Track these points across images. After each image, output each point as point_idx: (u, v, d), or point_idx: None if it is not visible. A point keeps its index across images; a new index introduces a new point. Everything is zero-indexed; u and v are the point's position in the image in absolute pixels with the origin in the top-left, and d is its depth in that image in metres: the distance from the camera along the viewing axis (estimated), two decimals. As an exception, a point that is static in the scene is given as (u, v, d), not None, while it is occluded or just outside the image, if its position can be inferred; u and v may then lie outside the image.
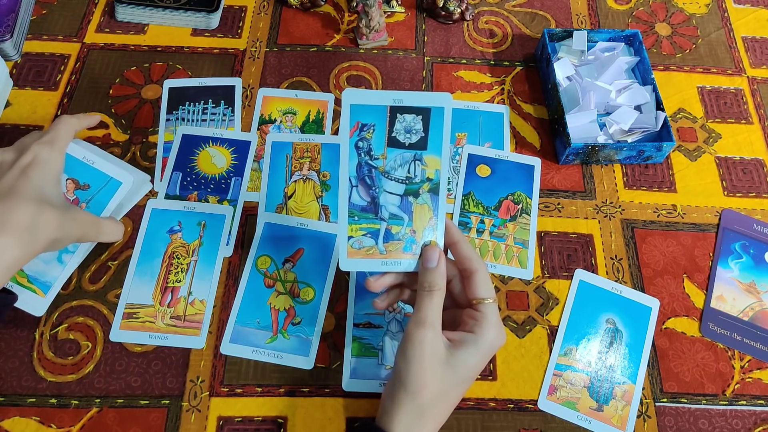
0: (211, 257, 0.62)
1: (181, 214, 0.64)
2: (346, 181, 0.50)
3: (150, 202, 0.65)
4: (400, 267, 0.51)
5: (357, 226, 0.51)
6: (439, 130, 0.50)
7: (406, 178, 0.51)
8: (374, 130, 0.50)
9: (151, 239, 0.63)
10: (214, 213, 0.65)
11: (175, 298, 0.60)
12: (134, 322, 0.59)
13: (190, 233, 0.63)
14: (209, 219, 0.64)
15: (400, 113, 0.50)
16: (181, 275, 0.61)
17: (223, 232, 0.63)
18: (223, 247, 0.63)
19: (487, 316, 0.48)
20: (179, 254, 0.62)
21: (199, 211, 0.65)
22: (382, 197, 0.51)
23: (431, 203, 0.51)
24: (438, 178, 0.51)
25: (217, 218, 0.64)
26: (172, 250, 0.62)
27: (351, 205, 0.51)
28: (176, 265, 0.62)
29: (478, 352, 0.47)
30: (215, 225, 0.64)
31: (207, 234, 0.63)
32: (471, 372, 0.47)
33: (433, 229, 0.51)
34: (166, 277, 0.61)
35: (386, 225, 0.51)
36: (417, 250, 0.51)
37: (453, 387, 0.47)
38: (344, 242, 0.50)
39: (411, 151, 0.51)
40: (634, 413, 0.57)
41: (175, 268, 0.61)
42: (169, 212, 0.65)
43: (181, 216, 0.64)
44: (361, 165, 0.51)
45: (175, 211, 0.65)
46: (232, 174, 0.68)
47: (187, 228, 0.64)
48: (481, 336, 0.47)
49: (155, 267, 0.62)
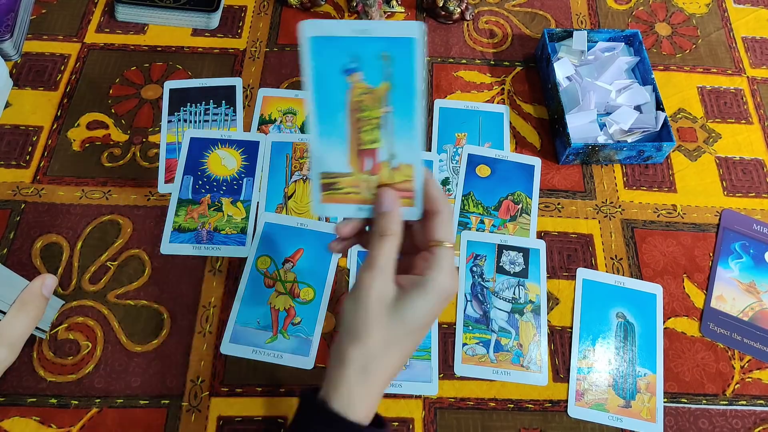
0: (408, 104, 0.43)
1: (353, 41, 0.42)
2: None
3: (303, 28, 0.44)
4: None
5: (471, 335, 0.60)
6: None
7: (512, 299, 0.62)
8: (485, 259, 0.64)
9: (324, 85, 0.43)
10: (397, 37, 0.42)
11: (375, 164, 0.45)
12: (336, 194, 0.46)
13: (372, 72, 0.43)
14: (393, 47, 0.42)
15: (506, 249, 0.64)
16: (376, 133, 0.44)
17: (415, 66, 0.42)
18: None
19: (440, 259, 0.44)
20: (366, 105, 0.44)
21: (378, 36, 0.42)
22: (492, 312, 0.61)
23: (534, 321, 0.61)
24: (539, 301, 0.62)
25: (404, 42, 0.42)
26: (356, 100, 0.44)
27: (465, 317, 0.61)
28: (366, 121, 0.44)
29: (427, 297, 0.43)
30: (403, 55, 0.42)
31: (395, 69, 0.43)
32: (420, 320, 0.43)
33: (537, 345, 0.59)
34: (358, 138, 0.44)
35: (496, 336, 0.60)
36: (524, 363, 0.59)
37: (401, 336, 0.43)
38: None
39: (515, 278, 0.63)
40: (661, 404, 0.58)
41: (366, 124, 0.44)
42: (336, 39, 0.43)
43: (353, 44, 0.42)
44: (474, 285, 0.63)
45: (343, 37, 0.42)
46: (243, 175, 0.68)
47: (366, 64, 0.42)
48: (430, 279, 0.43)
49: (341, 123, 0.44)
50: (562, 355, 0.60)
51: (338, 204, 0.45)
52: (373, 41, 0.42)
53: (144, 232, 0.64)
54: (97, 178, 0.67)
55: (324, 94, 0.44)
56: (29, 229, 0.63)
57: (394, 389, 0.57)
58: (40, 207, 0.65)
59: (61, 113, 0.71)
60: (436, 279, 0.43)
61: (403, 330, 0.43)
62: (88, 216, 0.65)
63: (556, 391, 0.59)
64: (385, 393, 0.57)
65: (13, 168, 0.67)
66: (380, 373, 0.43)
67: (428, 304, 0.43)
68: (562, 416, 0.57)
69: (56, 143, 0.69)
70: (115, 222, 0.65)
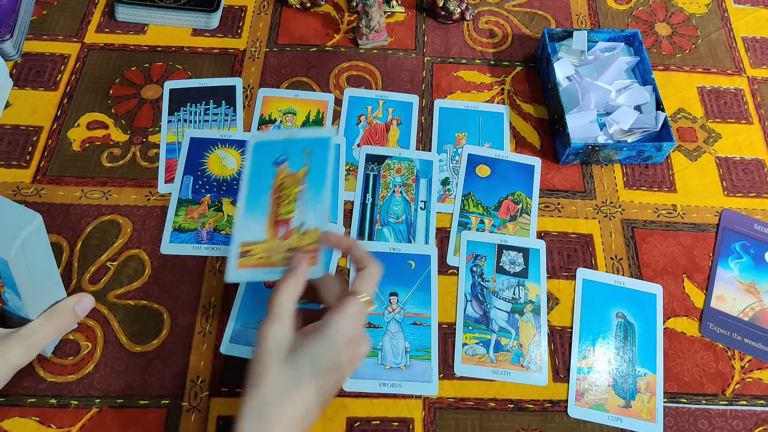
0: (319, 184, 0.54)
1: (285, 144, 0.56)
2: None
3: (249, 136, 0.61)
4: None
5: (471, 335, 0.60)
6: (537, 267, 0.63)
7: (512, 299, 0.62)
8: (485, 259, 0.64)
9: (257, 174, 0.56)
10: (318, 137, 0.56)
11: (288, 230, 0.53)
12: (250, 259, 0.53)
13: (295, 161, 0.56)
14: (314, 144, 0.56)
15: (506, 249, 0.64)
16: (292, 206, 0.54)
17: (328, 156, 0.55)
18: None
19: (347, 307, 0.46)
20: (287, 185, 0.55)
21: (303, 137, 0.56)
22: (492, 312, 0.61)
23: (534, 321, 0.61)
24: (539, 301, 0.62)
25: (322, 143, 0.56)
26: (280, 182, 0.56)
27: (465, 317, 0.61)
28: (285, 197, 0.55)
29: (323, 341, 0.44)
30: (320, 149, 0.55)
31: (313, 160, 0.55)
32: (319, 364, 0.44)
33: (536, 345, 0.60)
34: (277, 211, 0.54)
35: (496, 336, 0.60)
36: (524, 363, 0.59)
37: (300, 382, 0.44)
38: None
39: (515, 278, 0.63)
40: (661, 404, 0.58)
41: (285, 199, 0.55)
42: (272, 143, 0.57)
43: (284, 145, 0.56)
44: (474, 285, 0.63)
45: (278, 141, 0.57)
46: None
47: (292, 156, 0.56)
48: (329, 323, 0.45)
49: (264, 201, 0.55)
50: (562, 355, 0.60)
51: (251, 269, 0.52)
52: (299, 141, 0.55)
53: (144, 232, 0.64)
54: (97, 178, 0.67)
55: (256, 180, 0.55)
56: (29, 229, 0.63)
57: (394, 389, 0.57)
58: (40, 207, 0.65)
59: (61, 113, 0.71)
60: (335, 323, 0.45)
61: (299, 375, 0.44)
62: (88, 216, 0.65)
63: (556, 391, 0.59)
64: (385, 393, 0.57)
65: (13, 168, 0.67)
66: (279, 421, 0.43)
67: (325, 347, 0.44)
68: (562, 416, 0.57)
69: (56, 143, 0.69)
70: (115, 222, 0.65)
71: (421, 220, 0.66)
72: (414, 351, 0.59)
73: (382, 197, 0.68)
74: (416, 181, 0.69)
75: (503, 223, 0.67)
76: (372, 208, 0.67)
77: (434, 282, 0.63)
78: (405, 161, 0.70)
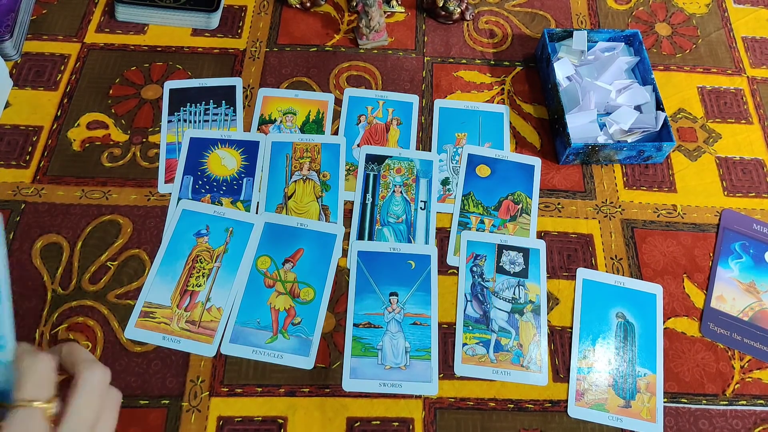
0: (233, 265, 0.62)
1: (210, 218, 0.64)
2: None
3: (182, 203, 0.65)
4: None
5: (471, 335, 0.60)
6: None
7: (512, 299, 0.62)
8: (485, 259, 0.64)
9: (178, 240, 0.63)
10: (243, 221, 0.64)
11: (192, 302, 0.60)
12: (150, 321, 0.59)
13: (216, 238, 0.63)
14: (237, 226, 0.64)
15: (506, 249, 0.64)
16: (202, 280, 0.61)
17: (249, 241, 0.63)
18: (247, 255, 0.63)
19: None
20: (203, 258, 0.62)
21: (229, 218, 0.64)
22: (492, 312, 0.61)
23: (534, 321, 0.61)
24: (538, 301, 0.62)
25: (245, 226, 0.64)
26: (197, 254, 0.62)
27: (465, 317, 0.61)
28: (199, 269, 0.61)
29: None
30: (242, 233, 0.64)
31: (233, 241, 0.63)
32: None
33: (537, 345, 0.60)
34: (187, 280, 0.61)
35: (496, 336, 0.60)
36: (524, 363, 0.59)
37: None
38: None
39: (515, 278, 0.63)
40: (661, 404, 0.58)
41: (198, 272, 0.61)
42: (199, 215, 0.64)
43: (210, 220, 0.64)
44: (474, 285, 0.63)
45: (205, 214, 0.65)
46: (243, 175, 0.68)
47: (214, 233, 0.63)
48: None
49: (178, 268, 0.61)
50: (562, 355, 0.60)
51: (149, 331, 0.58)
52: (224, 219, 0.64)
53: (144, 232, 0.64)
54: (97, 178, 0.67)
55: (176, 245, 0.62)
56: (29, 229, 0.63)
57: (394, 389, 0.57)
58: (40, 207, 0.65)
59: (61, 113, 0.71)
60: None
61: None
62: (88, 216, 0.65)
63: (556, 391, 0.59)
64: (385, 393, 0.57)
65: (13, 168, 0.67)
66: None
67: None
68: (562, 416, 0.57)
69: (56, 143, 0.69)
70: (115, 222, 0.65)
71: (421, 220, 0.67)
72: (414, 351, 0.59)
73: (382, 197, 0.68)
74: (416, 181, 0.69)
75: (503, 223, 0.67)
76: (372, 208, 0.67)
77: (434, 282, 0.63)
78: (405, 161, 0.70)
